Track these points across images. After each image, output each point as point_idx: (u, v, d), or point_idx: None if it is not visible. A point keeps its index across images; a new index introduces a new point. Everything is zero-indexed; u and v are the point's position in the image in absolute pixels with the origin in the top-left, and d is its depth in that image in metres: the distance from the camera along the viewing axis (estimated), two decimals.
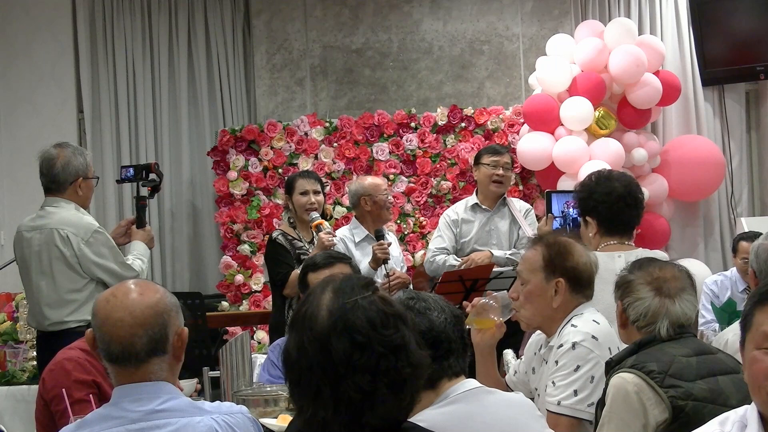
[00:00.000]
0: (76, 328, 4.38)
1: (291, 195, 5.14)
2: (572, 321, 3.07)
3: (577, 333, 3.02)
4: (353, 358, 1.78)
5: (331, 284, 1.88)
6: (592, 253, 3.23)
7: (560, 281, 3.08)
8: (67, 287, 4.48)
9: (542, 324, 3.14)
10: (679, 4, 7.10)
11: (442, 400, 2.35)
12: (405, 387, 1.83)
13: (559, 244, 3.13)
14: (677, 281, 2.81)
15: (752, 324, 1.97)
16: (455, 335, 2.44)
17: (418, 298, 2.46)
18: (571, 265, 3.09)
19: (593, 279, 3.13)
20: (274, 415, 2.99)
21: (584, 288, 3.12)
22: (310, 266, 3.76)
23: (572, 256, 3.10)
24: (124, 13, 7.00)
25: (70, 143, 4.69)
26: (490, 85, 7.10)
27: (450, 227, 5.62)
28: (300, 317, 1.86)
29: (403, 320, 1.86)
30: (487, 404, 2.41)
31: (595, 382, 2.97)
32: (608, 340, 3.09)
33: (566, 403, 2.93)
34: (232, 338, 3.47)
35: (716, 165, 6.83)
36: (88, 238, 4.46)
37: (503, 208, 5.64)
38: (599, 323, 3.11)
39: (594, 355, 3.00)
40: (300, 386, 1.83)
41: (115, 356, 2.24)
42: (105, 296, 2.30)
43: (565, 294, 3.09)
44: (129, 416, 2.21)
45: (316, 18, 7.13)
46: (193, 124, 7.14)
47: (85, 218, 4.55)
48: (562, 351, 3.02)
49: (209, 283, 7.02)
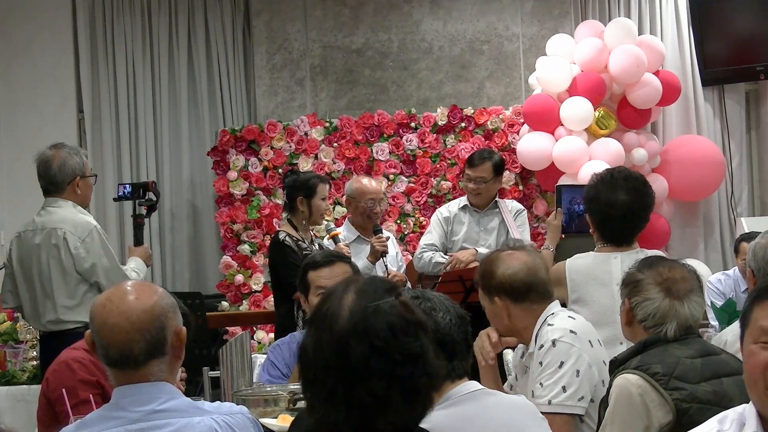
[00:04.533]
0: (75, 329, 4.38)
1: (310, 198, 5.10)
2: (548, 320, 3.08)
3: (554, 330, 3.04)
4: (370, 363, 1.76)
5: (354, 285, 1.86)
6: (535, 255, 3.19)
7: (496, 299, 3.08)
8: (63, 288, 4.49)
9: (517, 337, 3.15)
10: (679, 4, 7.10)
11: (444, 401, 2.35)
12: (419, 396, 1.81)
13: (485, 264, 3.16)
14: (686, 282, 2.80)
15: (750, 320, 1.98)
16: (459, 337, 2.43)
17: (424, 298, 2.45)
18: (497, 282, 3.09)
19: (534, 281, 3.09)
20: (274, 415, 2.99)
21: (527, 294, 3.09)
22: (310, 264, 3.77)
23: (496, 272, 3.10)
24: (124, 13, 6.99)
25: (65, 143, 4.70)
26: (490, 85, 7.10)
27: (441, 224, 5.64)
28: (320, 315, 1.83)
29: (423, 328, 1.84)
30: (489, 406, 2.41)
31: (582, 376, 2.97)
32: (587, 332, 3.10)
33: (557, 401, 2.94)
34: (232, 338, 3.47)
35: (716, 165, 6.83)
36: (85, 236, 4.47)
37: (494, 209, 5.64)
38: (575, 318, 3.12)
39: (575, 349, 3.01)
40: (314, 385, 1.82)
41: (113, 360, 2.24)
42: (101, 300, 2.29)
43: (510, 307, 3.09)
44: (129, 416, 2.21)
45: (316, 18, 7.13)
46: (193, 124, 7.14)
47: (84, 217, 4.55)
48: (544, 351, 3.03)
49: (209, 283, 7.01)
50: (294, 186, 5.15)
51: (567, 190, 4.97)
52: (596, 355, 3.08)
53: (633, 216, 3.80)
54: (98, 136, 6.94)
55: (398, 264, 5.65)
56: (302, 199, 5.10)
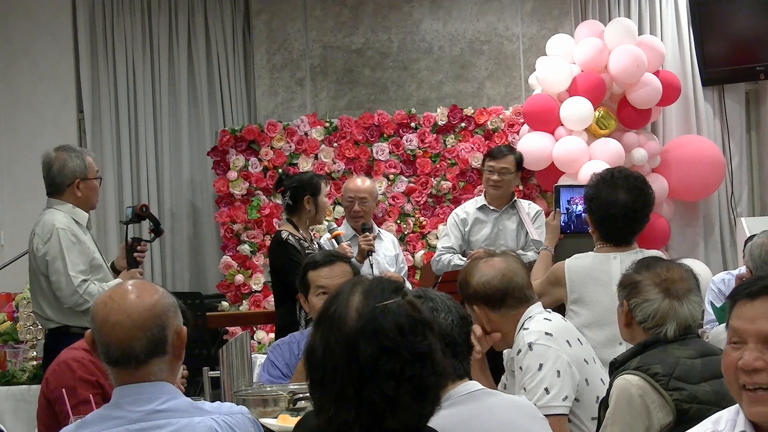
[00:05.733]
0: (71, 328, 4.41)
1: (316, 196, 5.11)
2: (524, 325, 3.08)
3: (529, 334, 3.04)
4: (379, 363, 1.78)
5: (360, 285, 1.87)
6: (512, 260, 3.19)
7: (475, 308, 3.09)
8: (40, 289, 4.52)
9: (502, 345, 3.17)
10: (679, 4, 7.10)
11: (444, 401, 2.35)
12: (428, 394, 1.83)
13: (462, 274, 3.17)
14: (684, 282, 2.80)
15: (728, 322, 2.00)
16: (461, 338, 2.44)
17: (426, 297, 2.45)
18: (472, 291, 3.10)
19: (509, 287, 3.09)
20: (274, 415, 2.99)
21: (503, 300, 3.10)
22: (310, 264, 3.77)
23: (470, 281, 3.11)
24: (124, 13, 6.99)
25: (71, 146, 4.72)
26: (490, 85, 7.10)
27: (458, 226, 5.62)
28: (328, 317, 1.84)
29: (430, 328, 1.85)
30: (489, 406, 2.42)
31: (562, 375, 2.98)
32: (563, 333, 3.10)
33: (541, 404, 2.94)
34: (232, 338, 3.47)
35: (716, 165, 6.83)
36: (48, 238, 4.46)
37: (512, 209, 5.63)
38: (551, 320, 3.12)
39: (552, 350, 3.01)
40: (323, 386, 1.82)
41: (114, 359, 2.24)
42: (102, 299, 2.29)
43: (489, 314, 3.10)
44: (129, 416, 2.21)
45: (316, 18, 7.13)
46: (193, 124, 7.13)
47: (55, 217, 4.52)
48: (522, 355, 3.04)
49: (209, 283, 7.01)
50: (299, 186, 5.14)
51: (565, 191, 4.97)
52: (575, 355, 3.08)
53: (633, 215, 3.81)
54: (98, 136, 6.94)
55: (399, 266, 5.66)
56: (309, 198, 5.11)
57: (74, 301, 4.42)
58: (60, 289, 4.44)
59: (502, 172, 5.54)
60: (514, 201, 5.65)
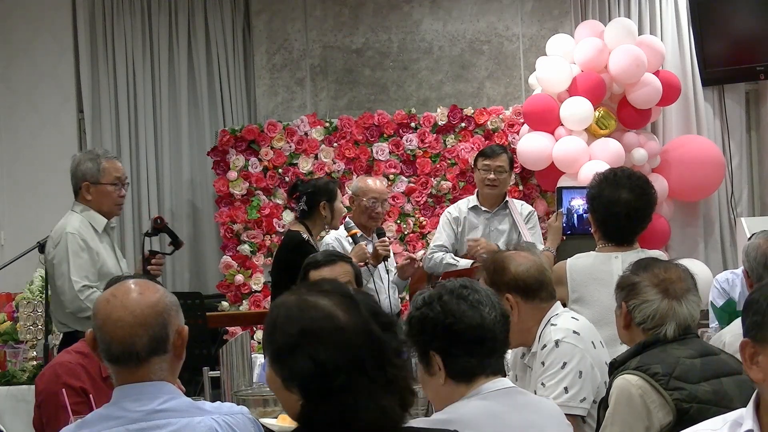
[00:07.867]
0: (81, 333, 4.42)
1: (332, 201, 5.15)
2: (551, 321, 3.08)
3: (557, 331, 3.03)
4: None
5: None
6: (538, 254, 3.21)
7: (509, 297, 3.07)
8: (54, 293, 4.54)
9: (520, 340, 3.13)
10: (679, 4, 7.10)
11: (474, 394, 2.36)
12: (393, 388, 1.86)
13: (495, 262, 3.15)
14: (683, 282, 2.81)
15: None
16: (501, 335, 2.43)
17: (472, 289, 2.43)
18: (510, 278, 3.09)
19: (544, 279, 3.12)
20: (274, 415, 2.99)
21: (538, 291, 3.10)
22: (312, 264, 3.78)
23: (509, 268, 3.09)
24: (124, 13, 6.99)
25: (96, 150, 4.89)
26: (490, 85, 7.10)
27: (450, 224, 5.63)
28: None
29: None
30: (517, 405, 2.42)
31: (584, 377, 2.97)
32: (590, 334, 3.10)
33: (558, 402, 2.93)
34: (232, 338, 3.48)
35: (716, 165, 6.83)
36: (58, 241, 4.48)
37: (504, 210, 5.63)
38: (578, 319, 3.12)
39: (578, 349, 3.01)
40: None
41: (115, 356, 2.24)
42: (105, 296, 2.30)
43: (521, 305, 3.09)
44: (129, 416, 2.21)
45: (316, 18, 7.13)
46: (193, 124, 7.13)
47: (69, 221, 4.55)
48: (547, 351, 3.02)
49: (209, 283, 7.01)
50: (315, 191, 5.17)
51: (567, 192, 4.98)
52: (598, 357, 3.08)
53: (636, 214, 3.81)
54: (98, 136, 6.94)
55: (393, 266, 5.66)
56: (325, 204, 5.14)
57: (76, 306, 4.44)
58: (63, 293, 4.46)
59: (498, 170, 5.53)
60: (506, 201, 5.64)
